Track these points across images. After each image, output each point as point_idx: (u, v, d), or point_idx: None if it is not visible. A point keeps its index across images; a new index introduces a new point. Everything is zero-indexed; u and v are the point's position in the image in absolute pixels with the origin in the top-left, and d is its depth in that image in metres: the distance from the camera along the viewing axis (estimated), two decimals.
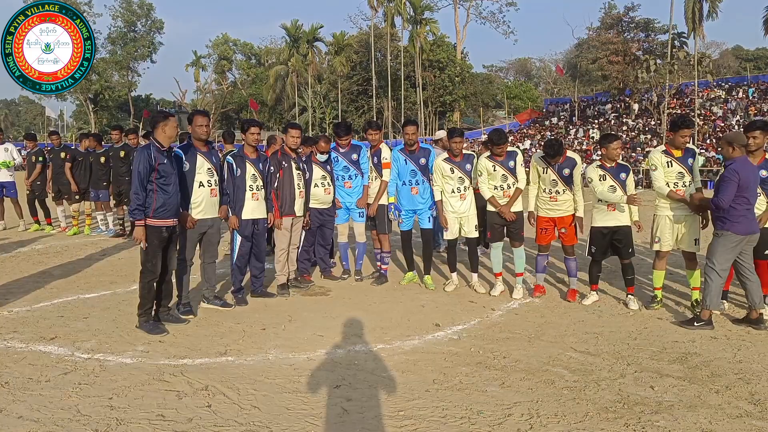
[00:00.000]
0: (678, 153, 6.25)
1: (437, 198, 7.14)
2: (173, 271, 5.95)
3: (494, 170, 6.84)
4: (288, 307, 6.55)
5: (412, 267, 7.68)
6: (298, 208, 6.98)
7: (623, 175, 6.45)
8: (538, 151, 7.12)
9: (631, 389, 4.33)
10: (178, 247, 5.94)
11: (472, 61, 67.10)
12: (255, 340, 5.40)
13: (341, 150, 7.57)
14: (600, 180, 6.44)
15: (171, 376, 4.51)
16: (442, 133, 9.87)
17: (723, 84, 45.97)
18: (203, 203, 6.11)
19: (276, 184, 6.83)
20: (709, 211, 6.08)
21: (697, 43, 40.09)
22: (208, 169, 6.13)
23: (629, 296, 6.55)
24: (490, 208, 6.96)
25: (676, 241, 6.30)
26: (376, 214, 7.49)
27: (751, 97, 41.45)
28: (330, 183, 7.38)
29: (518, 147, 31.57)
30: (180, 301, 6.16)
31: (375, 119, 9.13)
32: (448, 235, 7.21)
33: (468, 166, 7.06)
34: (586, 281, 6.97)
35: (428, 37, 55.15)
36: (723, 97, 42.81)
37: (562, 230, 6.68)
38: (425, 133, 49.51)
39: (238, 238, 6.64)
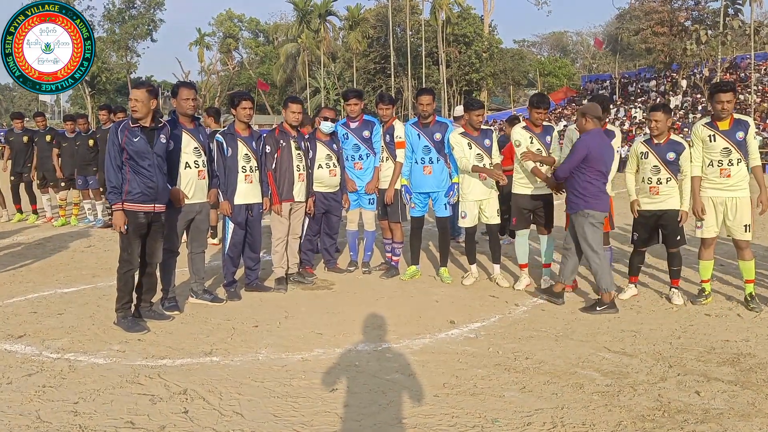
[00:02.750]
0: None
1: (467, 167, 6.73)
2: (158, 264, 5.80)
3: (531, 142, 6.59)
4: (286, 302, 6.38)
5: (417, 260, 7.45)
6: (297, 192, 6.79)
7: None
8: (570, 127, 6.84)
9: (673, 395, 4.09)
10: (163, 237, 5.78)
11: (501, 36, 66.47)
12: (245, 339, 5.24)
13: (351, 126, 7.35)
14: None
15: (146, 379, 4.36)
16: (460, 110, 9.60)
17: None
18: (190, 186, 5.94)
19: (273, 164, 6.65)
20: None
21: (753, 11, 39.00)
22: (195, 148, 5.96)
23: (673, 290, 6.28)
24: (518, 190, 6.70)
25: (726, 228, 6.01)
26: (391, 200, 7.26)
27: None
28: (336, 164, 7.16)
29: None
30: (165, 295, 6.02)
31: (391, 95, 8.85)
32: (467, 222, 6.97)
33: (487, 142, 6.81)
34: (624, 273, 6.72)
35: (453, 9, 54.62)
36: None
37: None
38: (449, 115, 49.15)
39: (231, 226, 6.49)
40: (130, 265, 5.42)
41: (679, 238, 6.16)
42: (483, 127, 6.92)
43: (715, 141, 5.89)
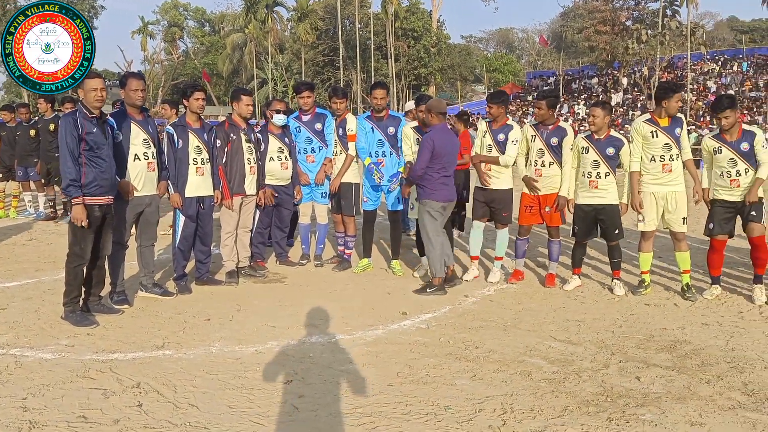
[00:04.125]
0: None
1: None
2: (107, 257, 5.72)
3: (483, 137, 6.75)
4: (237, 295, 6.37)
5: (369, 254, 7.52)
6: (249, 185, 6.77)
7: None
8: (530, 120, 7.01)
9: (616, 380, 4.28)
10: (113, 230, 5.69)
11: (449, 31, 67.15)
12: (197, 332, 5.23)
13: (303, 119, 7.36)
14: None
15: (98, 373, 4.31)
16: (410, 105, 9.70)
17: (717, 57, 46.64)
18: (140, 178, 5.87)
19: (223, 159, 6.61)
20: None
21: (690, 13, 40.43)
22: (144, 140, 5.89)
23: (615, 281, 6.53)
24: (479, 184, 6.86)
25: (664, 221, 6.28)
26: (340, 192, 7.29)
27: (746, 72, 42.16)
28: (288, 157, 7.16)
29: None
30: (114, 289, 5.93)
31: (344, 89, 8.92)
32: (417, 214, 7.08)
33: None
34: (568, 265, 6.95)
35: (402, 3, 54.77)
36: (717, 70, 43.45)
37: (546, 209, 6.60)
38: (398, 109, 49.34)
39: (181, 219, 6.43)
40: (82, 259, 5.32)
41: (617, 231, 6.39)
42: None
43: (657, 137, 6.14)
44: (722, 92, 38.71)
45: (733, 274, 7.05)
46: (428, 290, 6.43)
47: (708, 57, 45.49)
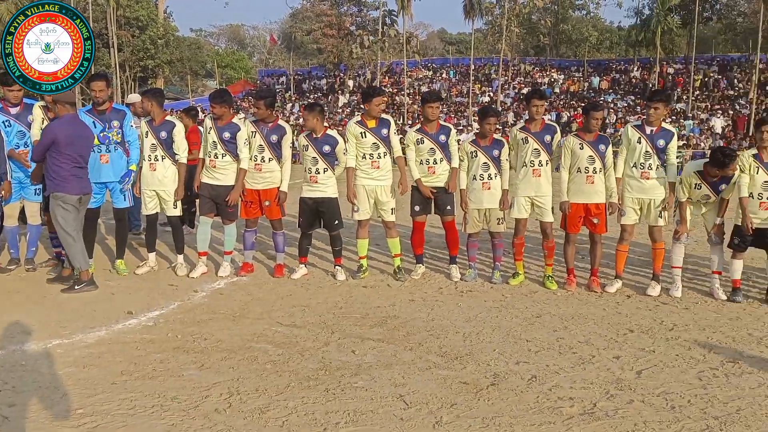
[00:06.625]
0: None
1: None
2: None
3: (209, 133, 6.82)
4: None
5: (91, 253, 7.12)
6: None
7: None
8: (248, 116, 7.21)
9: (334, 356, 4.72)
10: None
11: (177, 23, 64.52)
12: None
13: (12, 111, 6.75)
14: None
15: None
16: (134, 97, 9.40)
17: (429, 65, 51.82)
18: None
19: None
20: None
21: (405, 23, 44.37)
22: None
23: (337, 267, 7.07)
24: (202, 179, 6.91)
25: (377, 211, 6.97)
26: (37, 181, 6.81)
27: (453, 79, 47.52)
28: None
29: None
30: None
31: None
32: (146, 210, 6.96)
33: (163, 134, 6.81)
34: (295, 255, 7.34)
35: None
36: (430, 77, 48.28)
37: (266, 203, 6.90)
38: (122, 101, 46.30)
39: None
40: None
41: (337, 222, 6.96)
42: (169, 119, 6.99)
43: (366, 137, 6.76)
44: None
45: (436, 256, 8.06)
46: (77, 287, 6.25)
47: (422, 64, 50.32)
